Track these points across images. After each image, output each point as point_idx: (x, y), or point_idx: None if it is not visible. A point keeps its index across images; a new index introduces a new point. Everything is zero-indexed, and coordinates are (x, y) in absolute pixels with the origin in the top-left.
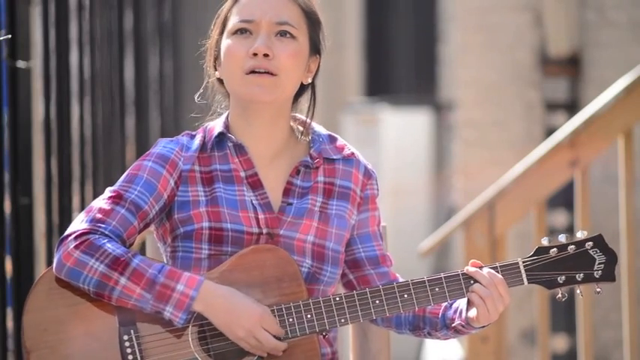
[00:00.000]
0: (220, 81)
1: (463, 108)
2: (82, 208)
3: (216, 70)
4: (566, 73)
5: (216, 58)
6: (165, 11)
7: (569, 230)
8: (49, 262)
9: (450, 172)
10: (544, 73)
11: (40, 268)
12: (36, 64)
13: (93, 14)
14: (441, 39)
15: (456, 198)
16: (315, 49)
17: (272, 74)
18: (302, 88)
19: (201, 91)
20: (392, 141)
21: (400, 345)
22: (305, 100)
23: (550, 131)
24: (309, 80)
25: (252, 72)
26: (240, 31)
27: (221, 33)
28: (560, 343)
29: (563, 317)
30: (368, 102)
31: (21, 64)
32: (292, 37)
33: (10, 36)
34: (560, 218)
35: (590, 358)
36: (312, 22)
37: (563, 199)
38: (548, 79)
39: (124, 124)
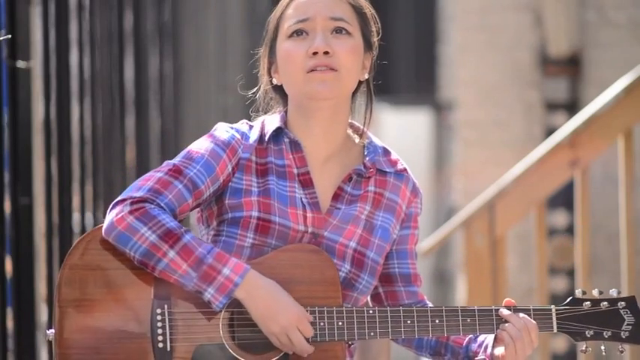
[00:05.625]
0: (274, 87)
1: (463, 108)
2: (82, 208)
3: (271, 77)
4: (566, 73)
5: (271, 64)
6: (165, 11)
7: (570, 230)
8: (49, 262)
9: (450, 172)
10: (544, 73)
11: (40, 268)
12: (36, 64)
13: (93, 14)
14: (441, 39)
15: (456, 198)
16: (368, 45)
17: (333, 70)
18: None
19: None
20: (392, 141)
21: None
22: (359, 100)
23: (550, 131)
24: (366, 76)
25: (314, 70)
26: (296, 33)
27: (274, 39)
28: (560, 343)
29: None
30: None
31: (21, 64)
32: (348, 33)
33: (10, 36)
34: (560, 218)
35: (590, 358)
36: (363, 18)
37: (563, 199)
38: (548, 79)
39: (124, 124)
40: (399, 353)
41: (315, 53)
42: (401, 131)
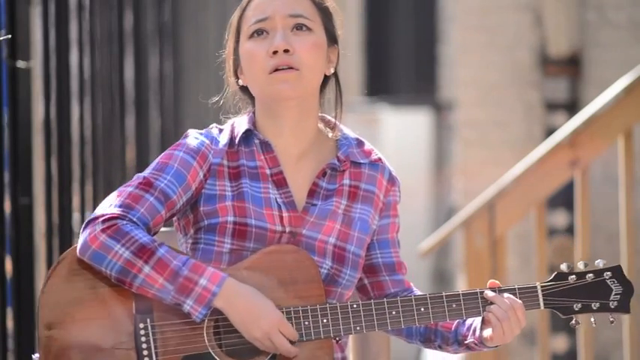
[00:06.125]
0: (242, 88)
1: (463, 108)
2: (82, 208)
3: (237, 78)
4: (566, 73)
5: (236, 66)
6: (165, 11)
7: (570, 230)
8: (49, 262)
9: (450, 172)
10: (544, 73)
11: (40, 268)
12: (36, 64)
13: (93, 14)
14: (441, 39)
15: (456, 198)
16: (332, 39)
17: (295, 69)
18: (324, 80)
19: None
20: (392, 141)
21: (400, 345)
22: (329, 93)
23: (550, 131)
24: (332, 71)
25: (276, 70)
26: (256, 33)
27: (237, 40)
28: (560, 343)
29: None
30: (368, 102)
31: (21, 64)
32: (309, 29)
33: (10, 36)
34: (560, 218)
35: (590, 358)
36: (324, 12)
37: (563, 199)
38: (548, 79)
39: (124, 124)
40: (399, 353)
41: (275, 52)
42: (401, 131)
